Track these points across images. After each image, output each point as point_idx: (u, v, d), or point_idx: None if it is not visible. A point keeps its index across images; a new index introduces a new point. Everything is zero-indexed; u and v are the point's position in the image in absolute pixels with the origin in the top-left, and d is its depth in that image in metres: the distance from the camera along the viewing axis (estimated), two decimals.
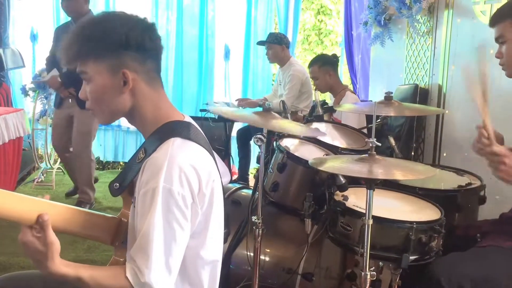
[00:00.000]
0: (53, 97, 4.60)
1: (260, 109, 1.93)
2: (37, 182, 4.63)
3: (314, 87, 3.84)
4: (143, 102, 1.28)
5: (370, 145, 1.55)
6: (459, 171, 2.35)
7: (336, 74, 3.73)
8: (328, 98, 4.26)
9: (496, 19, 1.84)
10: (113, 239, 1.28)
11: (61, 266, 1.11)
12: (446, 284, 1.61)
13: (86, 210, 1.27)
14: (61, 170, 5.04)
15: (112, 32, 1.22)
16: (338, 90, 3.67)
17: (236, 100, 4.80)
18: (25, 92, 4.65)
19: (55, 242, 1.10)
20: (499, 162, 1.60)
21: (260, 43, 4.78)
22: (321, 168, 1.61)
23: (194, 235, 1.24)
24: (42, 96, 4.58)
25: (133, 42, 1.23)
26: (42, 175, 4.74)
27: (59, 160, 5.07)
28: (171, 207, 1.15)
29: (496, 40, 1.85)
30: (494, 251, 1.72)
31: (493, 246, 1.74)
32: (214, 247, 1.31)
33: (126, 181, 1.26)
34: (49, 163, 4.81)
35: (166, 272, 1.16)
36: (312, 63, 3.75)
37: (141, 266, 1.14)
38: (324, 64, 3.65)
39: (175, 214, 1.15)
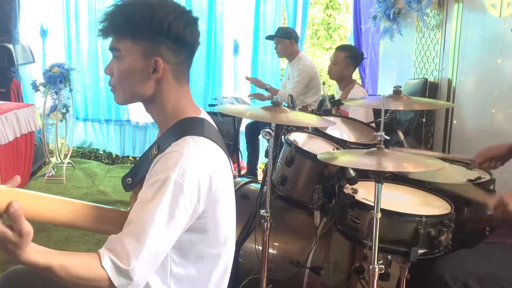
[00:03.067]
0: (63, 92, 4.65)
1: (269, 103, 1.94)
2: (47, 177, 4.67)
3: (325, 81, 3.84)
4: (166, 93, 1.27)
5: (379, 138, 1.55)
6: (468, 165, 2.34)
7: (353, 71, 3.73)
8: (336, 92, 4.25)
9: None
10: None
11: (32, 254, 1.02)
12: (451, 281, 1.62)
13: (97, 205, 1.28)
14: (71, 165, 5.08)
15: (157, 17, 1.21)
16: (346, 83, 3.67)
17: (248, 96, 4.82)
18: (35, 87, 4.69)
19: (31, 232, 1.00)
20: (504, 206, 1.69)
21: (269, 37, 4.77)
22: (330, 162, 1.62)
23: (200, 231, 1.23)
24: (53, 91, 4.61)
25: (174, 32, 1.22)
26: (53, 169, 4.79)
27: (69, 155, 5.11)
28: (179, 201, 1.13)
29: None
30: (499, 247, 1.72)
31: (499, 242, 1.74)
32: (221, 244, 1.30)
33: (138, 176, 1.27)
34: (60, 157, 4.85)
35: (152, 264, 1.12)
36: (341, 49, 3.73)
37: (128, 253, 1.08)
38: (351, 57, 3.63)
39: (181, 209, 1.13)
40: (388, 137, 1.57)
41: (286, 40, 4.51)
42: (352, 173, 1.88)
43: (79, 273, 1.06)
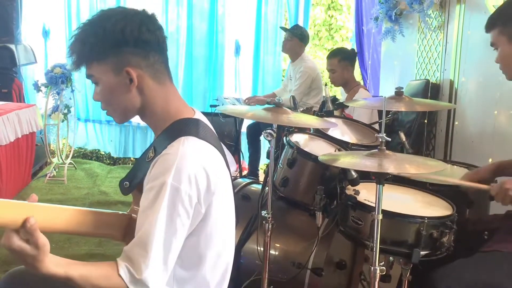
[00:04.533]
0: (65, 92, 4.65)
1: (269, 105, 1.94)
2: (49, 177, 4.67)
3: (327, 80, 3.83)
4: (152, 98, 1.27)
5: (380, 140, 1.54)
6: (470, 167, 2.33)
7: (353, 70, 3.73)
8: (339, 93, 4.25)
9: (488, 26, 1.84)
10: (125, 235, 1.29)
11: (51, 265, 1.07)
12: None
13: (96, 210, 1.28)
14: (72, 165, 5.09)
15: (108, 30, 1.21)
16: (352, 86, 3.67)
17: (245, 99, 4.80)
18: (37, 87, 4.69)
19: (47, 243, 1.05)
20: (505, 192, 1.69)
21: (284, 29, 4.75)
22: (331, 164, 1.61)
23: (200, 233, 1.23)
24: (54, 92, 4.62)
25: (130, 37, 1.21)
26: (54, 170, 4.79)
27: (71, 155, 5.12)
28: (176, 205, 1.14)
29: (491, 45, 1.86)
30: (495, 257, 1.71)
31: (496, 251, 1.73)
32: (221, 244, 1.31)
33: (136, 180, 1.27)
34: (61, 158, 4.85)
35: (163, 270, 1.14)
36: (332, 55, 3.71)
37: (139, 262, 1.11)
38: (344, 59, 3.64)
39: (180, 213, 1.14)
40: (389, 139, 1.56)
41: (297, 40, 4.50)
42: (354, 174, 1.87)
43: (99, 283, 1.11)
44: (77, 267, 1.10)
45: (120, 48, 1.21)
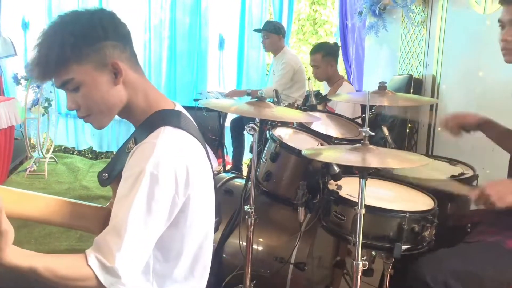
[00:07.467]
0: (45, 85, 4.57)
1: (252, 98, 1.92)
2: (29, 172, 4.60)
3: (310, 76, 3.82)
4: (134, 90, 1.25)
5: (364, 134, 1.54)
6: (452, 161, 2.35)
7: (336, 64, 3.73)
8: (323, 88, 4.25)
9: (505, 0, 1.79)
10: (102, 229, 1.27)
11: (14, 255, 1.01)
12: (432, 281, 1.61)
13: (74, 201, 1.25)
14: (53, 160, 5.01)
15: (86, 27, 1.17)
16: (335, 80, 3.67)
17: (225, 96, 4.78)
18: (17, 80, 4.61)
19: (10, 230, 0.99)
20: (486, 198, 1.66)
21: (257, 30, 4.74)
22: (314, 158, 1.61)
23: (178, 225, 1.21)
24: (34, 85, 4.54)
25: (110, 30, 1.19)
26: (35, 164, 4.71)
27: (51, 150, 5.04)
28: (154, 193, 1.11)
29: (499, 20, 1.80)
30: (479, 246, 1.72)
31: (479, 241, 1.74)
32: (201, 239, 1.29)
33: (115, 171, 1.24)
34: (42, 152, 4.78)
35: (136, 259, 1.10)
36: (315, 51, 3.70)
37: (110, 249, 1.06)
38: (327, 54, 3.62)
39: (158, 201, 1.11)
40: (373, 133, 1.56)
41: (274, 35, 4.49)
42: (336, 169, 1.87)
43: (65, 274, 1.05)
44: (42, 258, 1.05)
45: (101, 43, 1.18)
